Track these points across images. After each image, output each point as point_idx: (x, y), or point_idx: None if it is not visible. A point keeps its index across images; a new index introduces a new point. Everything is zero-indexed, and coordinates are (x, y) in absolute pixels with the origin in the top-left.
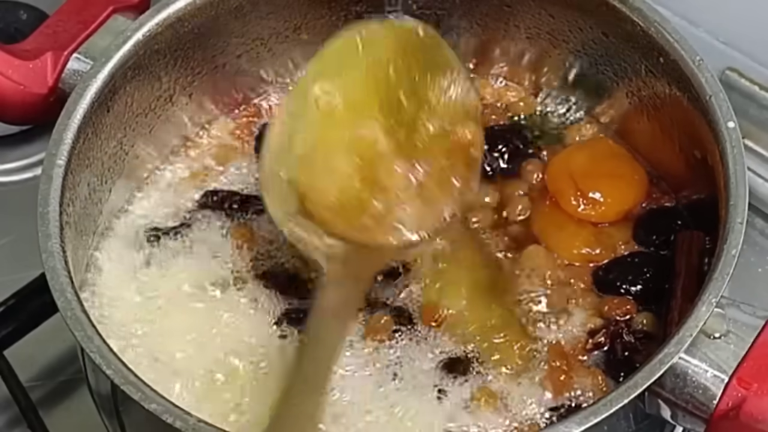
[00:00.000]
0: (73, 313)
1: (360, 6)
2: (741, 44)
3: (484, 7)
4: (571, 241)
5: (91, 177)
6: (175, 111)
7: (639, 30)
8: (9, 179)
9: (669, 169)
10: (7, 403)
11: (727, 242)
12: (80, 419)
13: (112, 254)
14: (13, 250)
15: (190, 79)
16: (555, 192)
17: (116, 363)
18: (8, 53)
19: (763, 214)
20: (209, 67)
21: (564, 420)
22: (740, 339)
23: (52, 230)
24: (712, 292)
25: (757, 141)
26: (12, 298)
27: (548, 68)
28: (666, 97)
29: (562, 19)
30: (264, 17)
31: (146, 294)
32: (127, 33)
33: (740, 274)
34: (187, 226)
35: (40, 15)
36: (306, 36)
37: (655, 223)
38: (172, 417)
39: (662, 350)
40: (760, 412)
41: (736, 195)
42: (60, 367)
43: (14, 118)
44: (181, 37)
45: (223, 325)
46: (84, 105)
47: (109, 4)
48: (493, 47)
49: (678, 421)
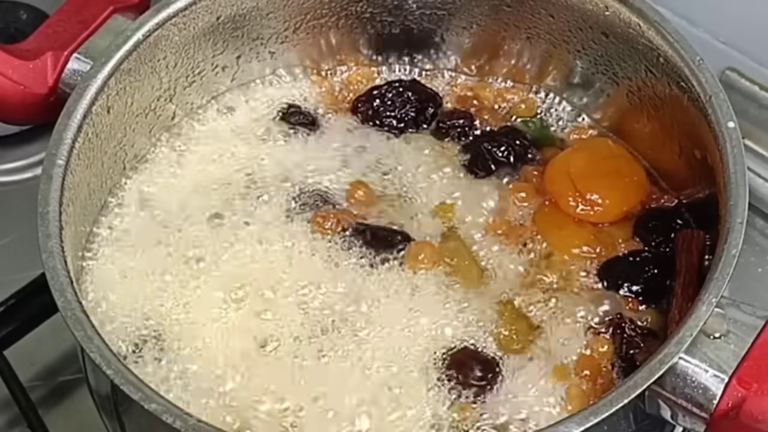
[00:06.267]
0: (73, 313)
1: (360, 6)
2: (741, 44)
3: (484, 7)
4: (571, 241)
5: (91, 177)
6: (176, 111)
7: (639, 30)
8: (9, 179)
9: (669, 169)
10: (7, 403)
11: (727, 242)
12: (80, 419)
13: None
14: (13, 250)
15: (191, 79)
16: (554, 193)
17: (116, 363)
18: (8, 53)
19: (763, 214)
20: (209, 68)
21: (564, 420)
22: (740, 339)
23: (52, 230)
24: (712, 292)
25: (757, 141)
26: (12, 298)
27: (548, 68)
28: (666, 97)
29: (562, 19)
30: (264, 17)
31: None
32: (127, 33)
33: (740, 274)
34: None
35: (40, 15)
36: (306, 36)
37: (655, 222)
38: (172, 417)
39: (662, 350)
40: (760, 412)
41: (736, 195)
42: (60, 367)
43: (14, 118)
44: (181, 37)
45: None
46: (84, 105)
47: (109, 4)
48: (493, 48)
49: (678, 421)
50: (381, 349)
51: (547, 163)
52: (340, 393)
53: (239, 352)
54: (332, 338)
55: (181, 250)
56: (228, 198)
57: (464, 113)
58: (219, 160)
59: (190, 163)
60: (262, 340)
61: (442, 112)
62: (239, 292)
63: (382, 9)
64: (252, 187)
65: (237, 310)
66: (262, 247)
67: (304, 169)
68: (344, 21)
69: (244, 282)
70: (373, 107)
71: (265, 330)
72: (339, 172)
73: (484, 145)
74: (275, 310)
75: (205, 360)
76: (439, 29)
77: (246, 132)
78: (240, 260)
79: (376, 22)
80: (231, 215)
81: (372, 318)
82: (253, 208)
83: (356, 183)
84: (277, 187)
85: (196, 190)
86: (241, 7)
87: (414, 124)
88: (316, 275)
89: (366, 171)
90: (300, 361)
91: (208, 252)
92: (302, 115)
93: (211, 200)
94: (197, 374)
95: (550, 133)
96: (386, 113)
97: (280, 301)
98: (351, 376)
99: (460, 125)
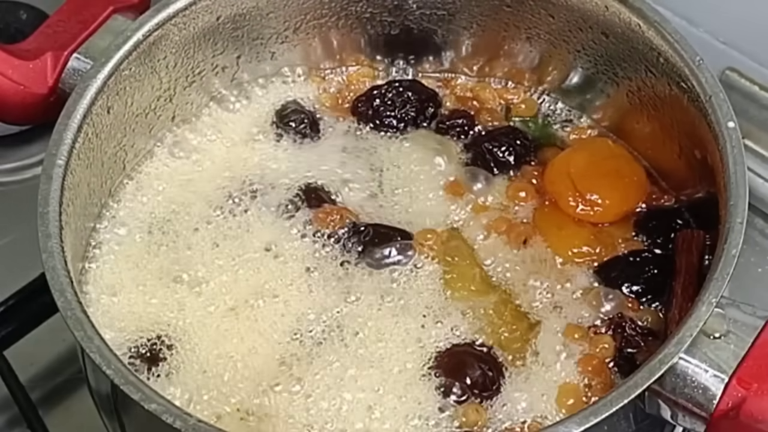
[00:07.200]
0: (73, 313)
1: (360, 6)
2: (741, 44)
3: (484, 7)
4: (570, 240)
5: (91, 177)
6: (175, 111)
7: (639, 30)
8: (9, 179)
9: (669, 169)
10: (7, 403)
11: (727, 242)
12: (80, 419)
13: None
14: (13, 250)
15: (191, 79)
16: (554, 193)
17: (116, 363)
18: (8, 53)
19: (763, 214)
20: (209, 68)
21: (564, 420)
22: (740, 339)
23: (52, 230)
24: (712, 292)
25: (757, 141)
26: (12, 298)
27: (548, 69)
28: (666, 97)
29: (562, 19)
30: (264, 17)
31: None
32: (127, 33)
33: (740, 274)
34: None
35: (40, 15)
36: (306, 36)
37: (655, 222)
38: (172, 417)
39: (662, 350)
40: (760, 412)
41: (736, 195)
42: (60, 367)
43: (14, 118)
44: (181, 37)
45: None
46: (84, 105)
47: (109, 4)
48: (493, 48)
49: (678, 421)
50: (380, 350)
51: (547, 163)
52: (338, 397)
53: (239, 353)
54: (332, 338)
55: (181, 251)
56: (228, 198)
57: (464, 113)
58: (219, 160)
59: (190, 164)
60: (263, 340)
61: (442, 112)
62: (239, 295)
63: (382, 9)
64: (252, 187)
65: (237, 314)
66: (262, 247)
67: (305, 169)
68: (344, 21)
69: (245, 284)
70: (373, 107)
71: (265, 331)
72: (339, 171)
73: (485, 144)
74: (275, 311)
75: (204, 364)
76: (439, 29)
77: (246, 132)
78: (240, 261)
79: (376, 22)
80: (231, 215)
81: (371, 318)
82: (253, 208)
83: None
84: (278, 187)
85: (196, 191)
86: (241, 7)
87: (414, 124)
88: (315, 276)
89: (366, 170)
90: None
91: (209, 253)
92: (302, 115)
93: (211, 200)
94: (196, 376)
95: (550, 133)
96: (386, 113)
97: (280, 302)
98: (350, 379)
99: (460, 125)
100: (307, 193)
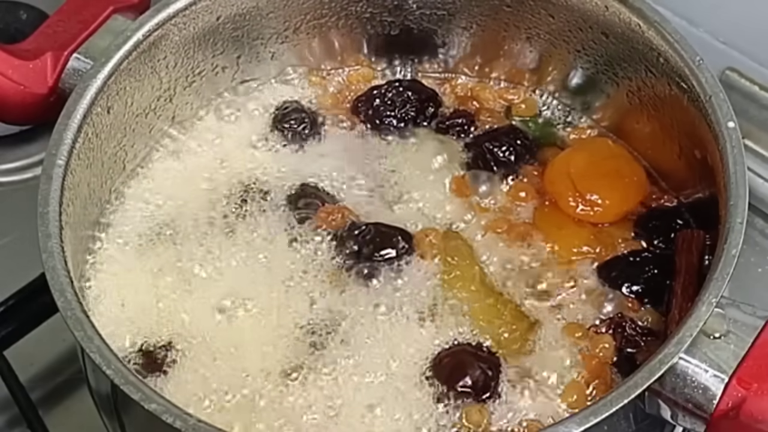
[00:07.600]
0: (73, 313)
1: (360, 6)
2: (741, 44)
3: (484, 7)
4: (570, 240)
5: (91, 177)
6: (175, 111)
7: (639, 30)
8: (9, 179)
9: (669, 169)
10: (7, 403)
11: (727, 242)
12: (80, 419)
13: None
14: (13, 250)
15: (191, 79)
16: (554, 193)
17: (116, 363)
18: (8, 53)
19: (763, 214)
20: (209, 68)
21: (564, 420)
22: (740, 339)
23: (52, 230)
24: (712, 292)
25: (757, 141)
26: (12, 298)
27: (548, 69)
28: (666, 97)
29: (562, 19)
30: (264, 17)
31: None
32: (127, 33)
33: (740, 274)
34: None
35: (40, 15)
36: (306, 36)
37: (655, 222)
38: (172, 417)
39: (662, 350)
40: (760, 412)
41: (736, 195)
42: (60, 367)
43: (14, 118)
44: (181, 37)
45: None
46: (84, 105)
47: (109, 4)
48: (493, 48)
49: (678, 421)
50: (380, 350)
51: (547, 163)
52: (338, 399)
53: (239, 354)
54: (332, 338)
55: (181, 252)
56: (228, 198)
57: (464, 113)
58: (219, 161)
59: (190, 164)
60: (263, 341)
61: (441, 112)
62: (240, 296)
63: (382, 9)
64: (252, 187)
65: (237, 314)
66: (263, 247)
67: (305, 169)
68: (344, 21)
69: (245, 284)
70: (373, 107)
71: (265, 331)
72: (339, 171)
73: (485, 144)
74: (275, 311)
75: (204, 364)
76: (439, 29)
77: (246, 132)
78: (241, 261)
79: (376, 22)
80: (231, 216)
81: (371, 318)
82: (254, 208)
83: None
84: (278, 186)
85: (196, 191)
86: (241, 7)
87: (414, 124)
88: (317, 275)
89: (366, 170)
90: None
91: (209, 253)
92: (302, 115)
93: (211, 200)
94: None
95: (550, 132)
96: (386, 113)
97: (280, 302)
98: (350, 379)
99: (460, 124)
100: (307, 193)
